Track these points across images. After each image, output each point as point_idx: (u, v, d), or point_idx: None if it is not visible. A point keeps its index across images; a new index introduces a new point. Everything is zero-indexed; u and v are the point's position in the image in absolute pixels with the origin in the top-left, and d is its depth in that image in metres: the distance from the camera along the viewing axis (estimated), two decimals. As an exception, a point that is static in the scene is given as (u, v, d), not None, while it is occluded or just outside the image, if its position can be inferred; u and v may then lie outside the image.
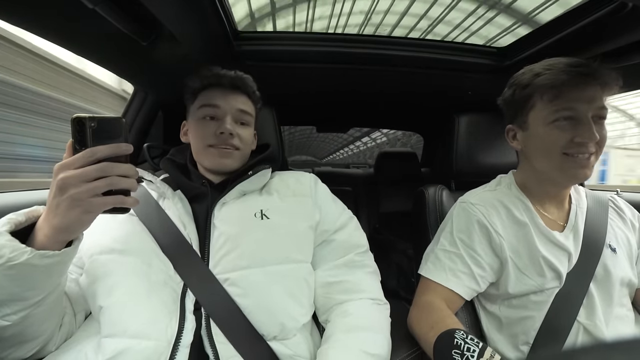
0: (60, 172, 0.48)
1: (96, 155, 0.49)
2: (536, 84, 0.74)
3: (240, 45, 1.11)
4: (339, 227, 0.83)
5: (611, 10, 0.78)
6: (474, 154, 1.07)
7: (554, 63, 0.74)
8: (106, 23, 0.76)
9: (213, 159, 0.81)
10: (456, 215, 0.86)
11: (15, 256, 0.48)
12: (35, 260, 0.49)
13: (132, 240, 0.69)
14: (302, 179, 0.89)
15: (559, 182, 0.81)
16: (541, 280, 0.75)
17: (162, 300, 0.63)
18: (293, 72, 1.27)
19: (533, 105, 0.77)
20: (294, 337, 0.68)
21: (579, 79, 0.69)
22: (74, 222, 0.50)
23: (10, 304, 0.53)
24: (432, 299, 0.77)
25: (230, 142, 0.80)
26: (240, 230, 0.72)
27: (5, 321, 0.53)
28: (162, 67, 1.09)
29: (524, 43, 1.11)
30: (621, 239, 0.82)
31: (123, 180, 0.51)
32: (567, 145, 0.72)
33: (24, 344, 0.59)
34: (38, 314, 0.56)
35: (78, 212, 0.49)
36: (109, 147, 0.50)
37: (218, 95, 0.83)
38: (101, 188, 0.49)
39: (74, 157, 0.49)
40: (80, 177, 0.48)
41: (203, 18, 0.86)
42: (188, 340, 0.61)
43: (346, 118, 2.31)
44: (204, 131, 0.81)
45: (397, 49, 1.16)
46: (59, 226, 0.50)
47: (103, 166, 0.49)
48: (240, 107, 0.84)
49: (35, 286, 0.53)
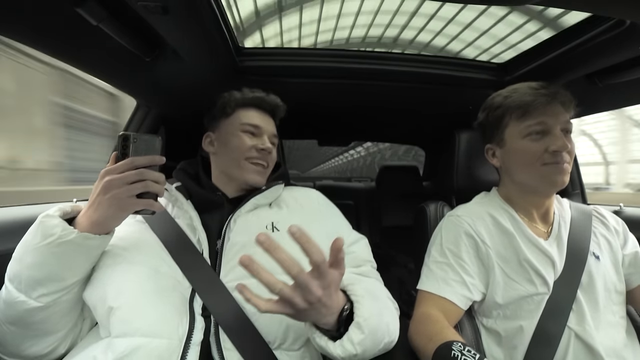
0: (106, 175, 0.59)
1: (135, 163, 0.60)
2: (506, 104, 0.85)
3: (242, 60, 1.12)
4: (353, 241, 0.86)
5: (609, 27, 0.79)
6: (474, 171, 1.07)
7: (518, 87, 0.86)
8: (110, 39, 0.77)
9: (248, 174, 0.86)
10: (444, 228, 0.90)
11: (65, 234, 0.58)
12: (80, 240, 0.59)
13: (141, 247, 0.72)
14: (309, 194, 0.94)
15: (540, 191, 0.86)
16: (529, 286, 0.78)
17: (171, 302, 0.66)
18: (295, 87, 1.28)
19: (507, 124, 0.86)
20: (299, 349, 0.69)
21: (542, 100, 0.80)
22: (110, 217, 0.60)
23: (48, 284, 0.60)
24: (429, 311, 0.79)
25: (267, 159, 0.88)
26: (252, 241, 0.73)
27: (38, 302, 0.60)
28: (165, 82, 1.10)
29: (524, 58, 1.12)
30: (604, 246, 0.86)
31: (155, 185, 0.61)
32: (544, 156, 0.80)
33: (44, 337, 0.65)
34: (65, 302, 0.63)
35: (115, 209, 0.60)
36: (146, 158, 0.61)
37: (258, 117, 0.91)
38: (138, 189, 0.59)
39: (118, 164, 0.59)
40: (122, 180, 0.58)
41: (206, 34, 0.87)
42: (199, 338, 0.63)
43: (347, 132, 2.32)
44: (244, 144, 0.87)
45: (397, 65, 1.17)
46: (97, 220, 0.60)
47: (141, 171, 0.59)
48: (274, 130, 0.94)
49: (74, 266, 0.62)
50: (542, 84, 0.83)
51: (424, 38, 1.48)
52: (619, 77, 0.96)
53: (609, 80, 0.99)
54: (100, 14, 0.69)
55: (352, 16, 1.48)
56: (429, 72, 1.18)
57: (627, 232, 0.90)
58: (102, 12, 0.69)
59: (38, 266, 0.59)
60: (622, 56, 0.88)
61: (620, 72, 0.95)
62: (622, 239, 0.89)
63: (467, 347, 0.61)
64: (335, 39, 1.56)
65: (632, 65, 0.91)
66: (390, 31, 1.49)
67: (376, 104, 1.53)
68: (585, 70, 1.00)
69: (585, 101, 1.21)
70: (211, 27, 0.84)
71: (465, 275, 0.81)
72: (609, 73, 0.98)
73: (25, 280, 0.59)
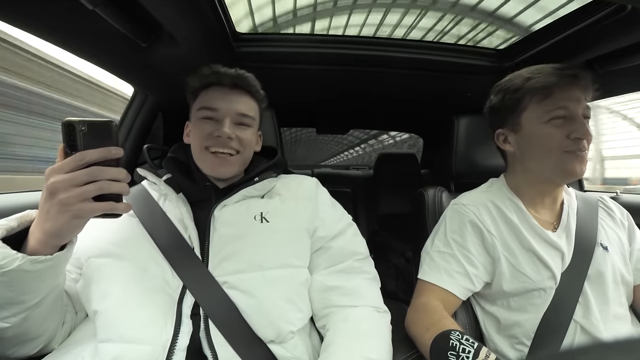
0: (51, 176, 0.48)
1: (85, 159, 0.48)
2: (528, 86, 0.79)
3: (239, 46, 1.11)
4: (336, 234, 0.81)
5: (611, 12, 0.78)
6: (473, 156, 1.07)
7: (542, 67, 0.79)
8: (106, 24, 0.76)
9: (209, 166, 0.80)
10: (449, 216, 0.87)
11: (6, 263, 0.48)
12: (27, 266, 0.49)
13: (130, 243, 0.69)
14: (304, 183, 0.89)
15: (554, 180, 0.82)
16: (537, 278, 0.76)
17: (157, 305, 0.63)
18: (293, 73, 1.27)
19: (525, 107, 0.80)
20: (291, 339, 0.68)
21: (567, 80, 0.75)
22: (64, 227, 0.50)
23: (8, 307, 0.53)
24: (428, 301, 0.77)
25: (229, 145, 0.78)
26: (240, 233, 0.72)
27: (5, 323, 0.54)
28: (162, 68, 1.09)
29: (523, 45, 1.11)
30: (612, 237, 0.83)
31: (114, 185, 0.50)
32: (566, 143, 0.75)
33: (27, 342, 0.59)
34: (37, 315, 0.56)
35: (68, 217, 0.48)
36: (99, 151, 0.49)
37: (218, 96, 0.80)
38: (91, 192, 0.48)
39: (63, 161, 0.48)
40: (69, 182, 0.47)
41: (203, 19, 0.86)
42: (184, 343, 0.60)
43: (346, 119, 2.32)
44: (201, 133, 0.79)
45: (396, 51, 1.16)
46: (50, 231, 0.50)
47: (92, 170, 0.48)
48: (241, 109, 0.81)
49: (30, 290, 0.53)
50: (566, 65, 0.78)
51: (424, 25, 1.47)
52: (619, 63, 0.96)
53: (609, 67, 0.99)
54: None
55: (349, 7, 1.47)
56: (428, 58, 1.18)
57: (633, 225, 0.88)
58: None
59: None
60: (623, 42, 0.88)
61: (621, 58, 0.94)
62: (628, 232, 0.86)
63: (465, 335, 0.60)
64: (332, 26, 1.54)
65: (633, 52, 0.90)
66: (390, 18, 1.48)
67: (374, 91, 1.52)
68: (586, 56, 0.99)
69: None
70: (208, 12, 0.83)
71: (469, 266, 0.80)
72: (609, 59, 0.97)
73: None
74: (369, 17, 1.46)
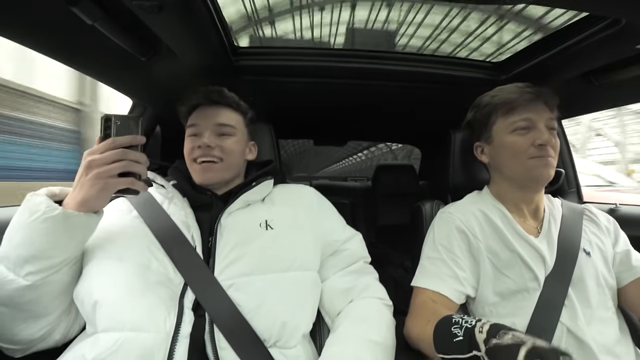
0: (88, 155, 0.61)
1: (116, 143, 0.61)
2: (493, 102, 0.89)
3: (238, 60, 1.12)
4: (349, 237, 0.88)
5: (605, 26, 0.79)
6: (469, 170, 1.07)
7: (506, 87, 0.90)
8: (105, 39, 0.76)
9: (197, 175, 0.85)
10: (437, 225, 0.93)
11: (49, 210, 0.59)
12: (63, 216, 0.60)
13: (133, 244, 0.73)
14: (303, 191, 0.94)
15: (528, 185, 0.88)
16: (519, 280, 0.81)
17: (159, 296, 0.66)
18: (291, 86, 1.27)
19: (494, 121, 0.90)
20: (294, 347, 0.69)
21: (527, 97, 0.84)
22: (92, 196, 0.61)
23: (35, 262, 0.61)
24: (424, 302, 0.81)
25: (211, 153, 0.83)
26: (246, 239, 0.76)
27: (27, 280, 0.61)
28: (161, 81, 1.09)
29: (520, 58, 1.13)
30: (595, 243, 0.88)
31: (136, 165, 0.63)
32: (531, 150, 0.83)
33: (36, 319, 0.65)
34: (54, 282, 0.64)
35: (97, 189, 0.61)
36: (127, 138, 0.62)
37: (199, 114, 0.88)
38: (117, 169, 0.61)
39: (99, 144, 0.62)
40: (102, 160, 0.60)
41: (201, 33, 0.86)
42: (187, 331, 0.63)
43: (344, 131, 2.32)
44: (188, 148, 0.86)
45: (394, 64, 1.17)
46: (82, 200, 0.61)
47: (120, 151, 0.61)
48: (219, 119, 0.87)
49: (59, 245, 0.62)
50: (528, 84, 0.87)
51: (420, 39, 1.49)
52: (615, 75, 0.97)
53: (604, 79, 1.00)
54: (95, 13, 0.68)
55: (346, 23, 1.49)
56: (426, 71, 1.19)
57: (619, 230, 0.92)
58: (98, 11, 0.68)
59: (25, 244, 0.61)
60: (618, 55, 0.89)
61: (616, 70, 0.95)
62: (613, 237, 0.90)
63: (466, 315, 0.63)
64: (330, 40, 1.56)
65: (628, 64, 0.91)
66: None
67: (372, 103, 1.53)
68: (581, 69, 1.00)
69: (580, 100, 1.22)
70: (206, 26, 0.84)
71: (457, 269, 0.83)
72: (604, 72, 0.98)
73: (14, 259, 0.61)
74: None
